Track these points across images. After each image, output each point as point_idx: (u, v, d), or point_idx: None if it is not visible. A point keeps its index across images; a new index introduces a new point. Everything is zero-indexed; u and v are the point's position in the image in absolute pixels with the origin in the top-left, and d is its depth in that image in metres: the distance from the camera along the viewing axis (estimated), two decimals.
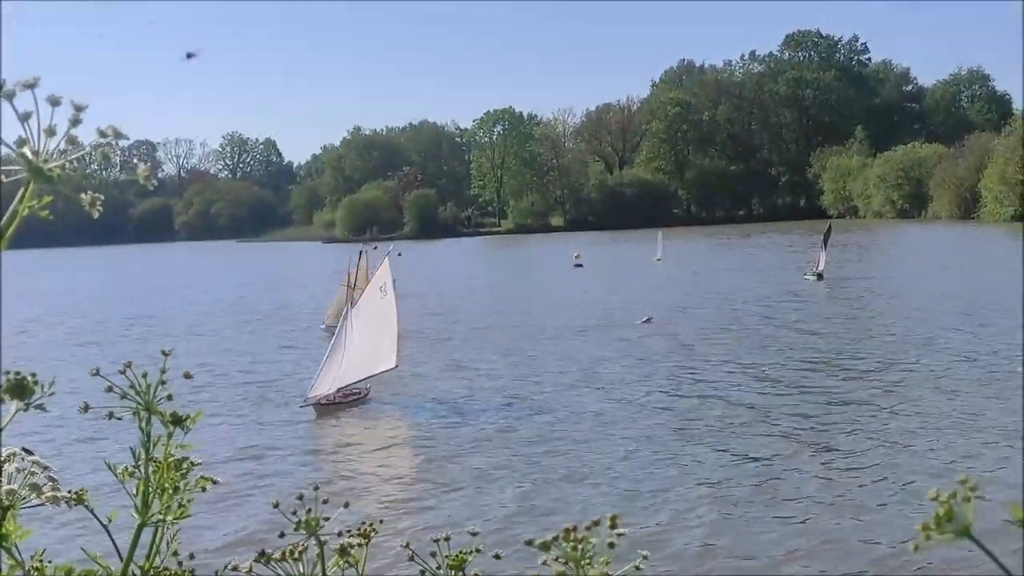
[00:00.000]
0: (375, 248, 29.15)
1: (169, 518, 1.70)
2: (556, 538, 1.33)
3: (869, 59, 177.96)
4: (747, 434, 21.94)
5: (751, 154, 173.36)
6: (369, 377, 27.52)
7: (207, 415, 1.84)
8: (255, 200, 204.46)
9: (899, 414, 23.10)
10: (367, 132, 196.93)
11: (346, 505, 1.76)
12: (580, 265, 75.93)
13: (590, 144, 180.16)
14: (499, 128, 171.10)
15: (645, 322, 40.89)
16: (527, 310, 47.73)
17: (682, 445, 21.28)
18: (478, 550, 1.75)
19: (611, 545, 1.35)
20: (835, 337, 35.69)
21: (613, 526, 1.31)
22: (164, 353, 1.63)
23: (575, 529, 1.32)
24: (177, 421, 1.69)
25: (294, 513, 1.68)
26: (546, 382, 29.25)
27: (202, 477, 1.69)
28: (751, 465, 19.48)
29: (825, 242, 52.81)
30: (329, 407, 26.44)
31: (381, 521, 1.85)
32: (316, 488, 1.69)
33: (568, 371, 30.80)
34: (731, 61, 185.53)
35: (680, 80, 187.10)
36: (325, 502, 1.57)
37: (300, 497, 1.68)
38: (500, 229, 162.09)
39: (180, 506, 1.69)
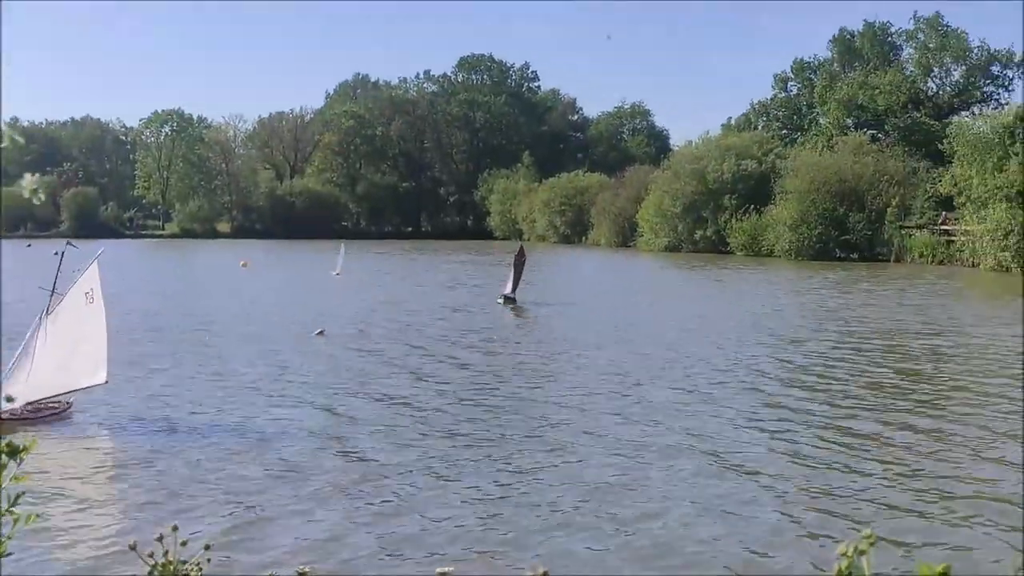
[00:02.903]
0: (71, 246, 26.06)
1: None
2: None
3: (539, 87, 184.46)
4: (431, 442, 21.85)
5: (422, 172, 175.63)
6: (71, 392, 25.30)
7: None
8: None
9: (591, 432, 23.71)
10: (24, 124, 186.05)
11: (207, 547, 1.64)
12: (244, 265, 77.12)
13: (261, 152, 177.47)
14: (167, 129, 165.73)
15: (319, 334, 40.37)
16: (209, 318, 46.12)
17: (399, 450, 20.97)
18: None
19: None
20: (517, 356, 36.34)
21: None
22: None
23: None
24: (13, 452, 1.56)
25: (151, 555, 1.54)
26: (248, 393, 28.18)
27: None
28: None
29: (518, 265, 53.12)
30: (11, 422, 24.24)
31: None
32: (175, 529, 1.56)
33: (263, 384, 29.85)
34: (406, 79, 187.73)
35: (354, 94, 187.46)
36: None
37: (160, 538, 1.55)
38: (164, 232, 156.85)
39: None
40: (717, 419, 25.06)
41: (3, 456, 1.65)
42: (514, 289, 52.87)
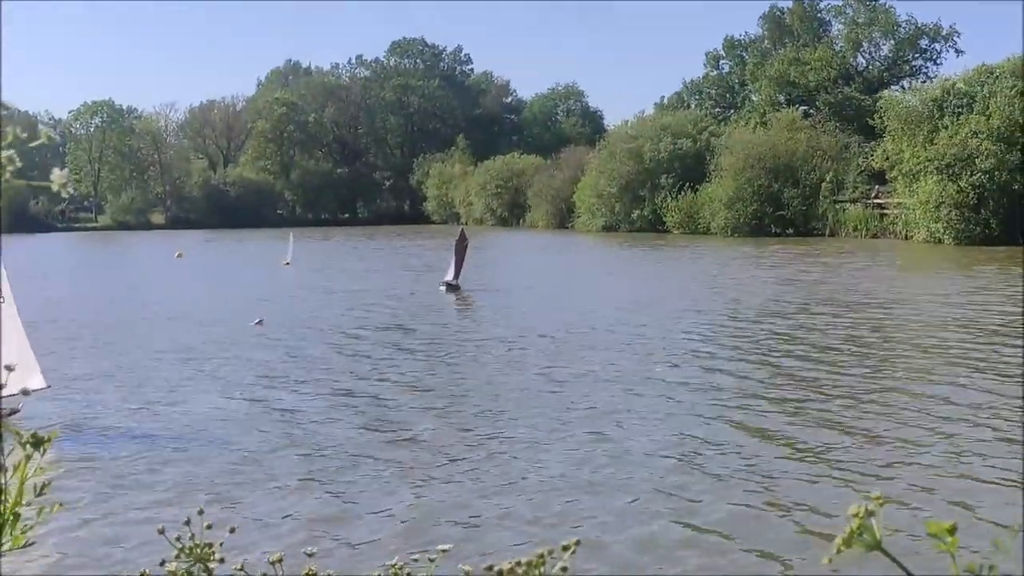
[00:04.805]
0: None
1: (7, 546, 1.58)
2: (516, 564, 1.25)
3: (472, 69, 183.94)
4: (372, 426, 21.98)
5: (357, 157, 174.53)
6: (13, 395, 24.52)
7: None
8: None
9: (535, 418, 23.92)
10: None
11: (232, 531, 1.62)
12: (179, 255, 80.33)
13: (194, 141, 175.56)
14: (97, 120, 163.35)
15: (257, 323, 40.04)
16: (152, 311, 45.58)
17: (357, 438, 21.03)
18: None
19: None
20: (467, 344, 36.42)
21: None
22: None
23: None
24: (37, 442, 1.56)
25: (178, 539, 1.54)
26: (201, 387, 28.00)
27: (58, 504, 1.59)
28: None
29: (459, 250, 52.47)
30: None
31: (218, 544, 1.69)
32: (201, 512, 1.55)
33: (219, 376, 29.68)
34: (338, 64, 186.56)
35: (287, 80, 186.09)
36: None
37: (187, 522, 1.54)
38: (97, 225, 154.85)
39: (23, 532, 1.59)
40: (683, 402, 25.18)
41: (27, 447, 1.63)
42: (457, 275, 52.26)
